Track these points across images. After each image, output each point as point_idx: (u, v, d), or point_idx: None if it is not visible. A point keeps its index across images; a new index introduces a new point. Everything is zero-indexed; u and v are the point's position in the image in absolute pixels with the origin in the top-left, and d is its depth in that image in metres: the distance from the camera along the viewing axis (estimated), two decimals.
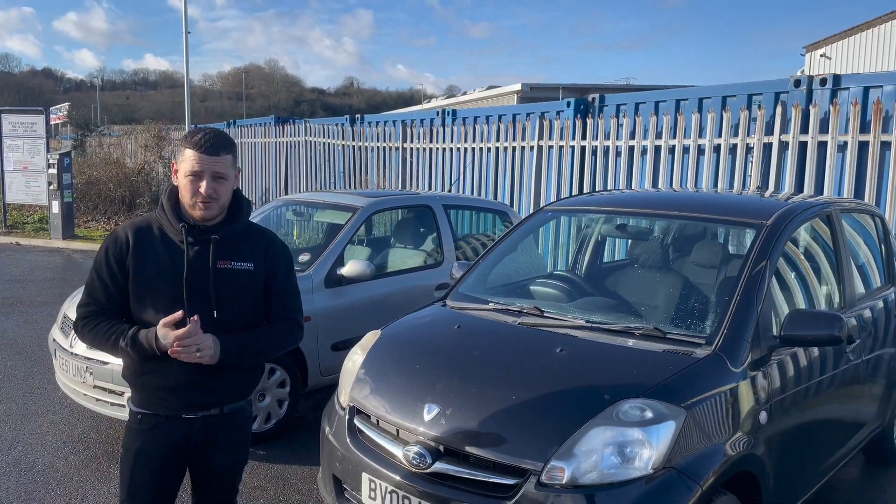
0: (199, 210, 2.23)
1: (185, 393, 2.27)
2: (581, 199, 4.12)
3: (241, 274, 2.31)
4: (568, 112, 8.59)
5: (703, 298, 3.18)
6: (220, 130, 2.25)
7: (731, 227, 3.48)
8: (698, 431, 2.53)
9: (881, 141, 5.84)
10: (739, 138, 6.75)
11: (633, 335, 2.97)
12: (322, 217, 5.51)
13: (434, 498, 2.58)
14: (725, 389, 2.69)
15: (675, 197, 3.94)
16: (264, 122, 14.80)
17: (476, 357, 2.94)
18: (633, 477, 2.38)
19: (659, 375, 2.64)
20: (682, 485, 2.39)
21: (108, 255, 2.26)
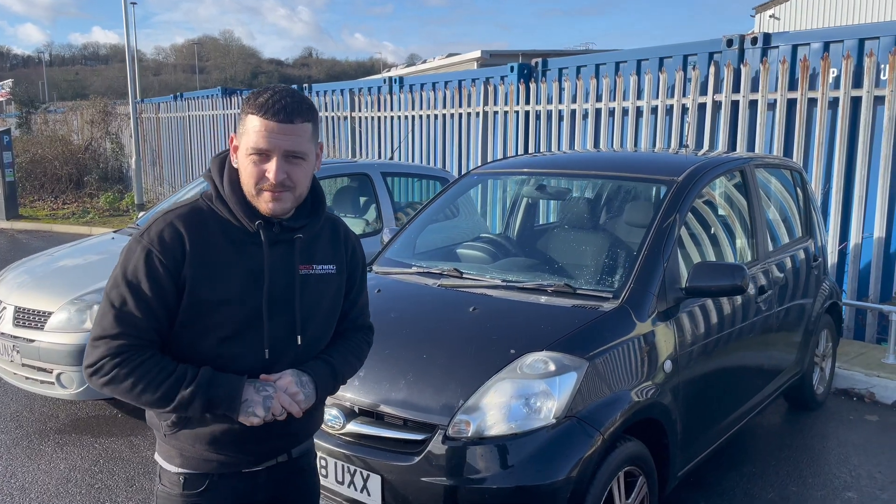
0: (266, 202, 1.61)
1: (251, 441, 1.68)
2: (505, 162, 4.16)
3: (325, 279, 1.77)
4: (512, 77, 8.59)
5: (615, 255, 3.26)
6: (295, 90, 1.63)
7: (644, 185, 3.55)
8: (601, 381, 2.62)
9: (808, 98, 5.97)
10: (675, 99, 6.85)
11: (546, 292, 3.04)
12: None
13: (348, 458, 2.63)
14: (629, 340, 2.78)
15: (593, 157, 4.00)
16: (211, 94, 14.50)
17: (392, 319, 2.99)
18: (536, 427, 2.46)
19: (564, 329, 2.71)
20: (582, 432, 2.48)
21: (153, 261, 1.56)
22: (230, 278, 1.61)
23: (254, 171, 1.59)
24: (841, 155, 5.80)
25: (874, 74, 5.57)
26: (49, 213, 14.79)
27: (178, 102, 15.63)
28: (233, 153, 1.66)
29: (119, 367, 1.54)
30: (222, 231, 1.63)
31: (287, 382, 1.65)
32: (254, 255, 1.64)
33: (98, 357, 1.55)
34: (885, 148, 5.55)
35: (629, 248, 3.18)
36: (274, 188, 1.59)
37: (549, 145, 8.12)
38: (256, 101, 1.59)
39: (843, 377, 4.95)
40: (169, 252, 1.57)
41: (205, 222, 1.63)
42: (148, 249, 1.57)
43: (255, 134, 1.57)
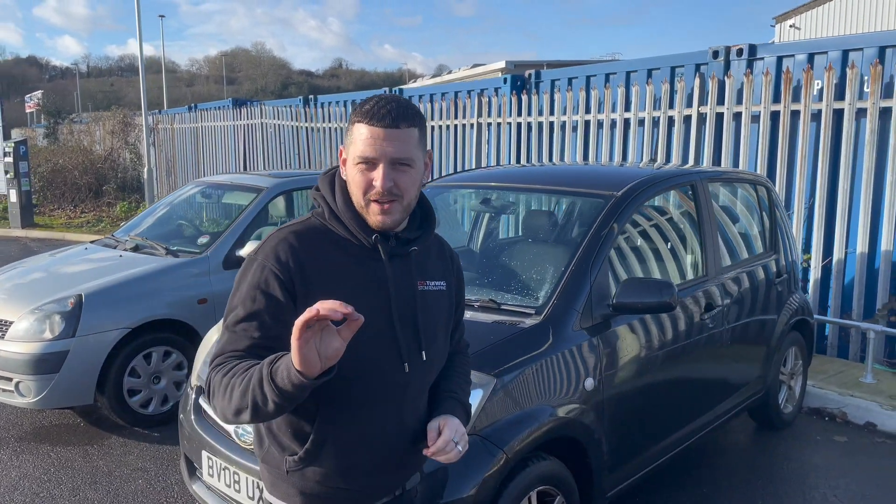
0: (375, 215, 1.55)
1: (375, 473, 1.61)
2: (458, 176, 4.14)
3: (438, 296, 1.70)
4: (505, 89, 8.58)
5: (544, 270, 3.22)
6: (401, 97, 1.60)
7: (583, 199, 3.51)
8: (511, 399, 2.59)
9: (791, 110, 5.87)
10: (662, 111, 6.78)
11: (473, 307, 3.01)
12: (229, 199, 5.53)
13: (259, 474, 2.63)
14: (547, 357, 2.74)
15: (540, 171, 3.98)
16: (222, 106, 14.73)
17: None
18: None
19: (476, 346, 2.67)
20: (485, 451, 2.45)
21: (269, 277, 1.49)
22: (352, 291, 1.52)
23: (361, 181, 1.53)
24: (824, 168, 5.68)
25: (857, 86, 5.46)
26: (65, 222, 15.11)
27: (192, 113, 15.89)
28: (342, 166, 1.60)
29: (214, 377, 1.46)
30: (339, 247, 1.57)
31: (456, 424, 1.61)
32: (375, 269, 1.58)
33: (208, 377, 1.49)
34: (868, 161, 5.43)
35: (559, 263, 3.15)
36: (381, 197, 1.53)
37: (541, 156, 8.09)
38: (362, 109, 1.54)
39: (817, 396, 4.83)
40: (285, 267, 1.51)
41: (320, 238, 1.58)
42: (263, 265, 1.52)
43: (361, 142, 1.52)
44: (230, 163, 14.33)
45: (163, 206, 5.84)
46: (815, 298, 5.82)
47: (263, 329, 1.48)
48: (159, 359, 4.46)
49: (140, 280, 4.46)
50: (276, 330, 1.47)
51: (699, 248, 3.71)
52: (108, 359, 4.23)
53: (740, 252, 4.14)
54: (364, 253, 1.58)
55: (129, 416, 4.38)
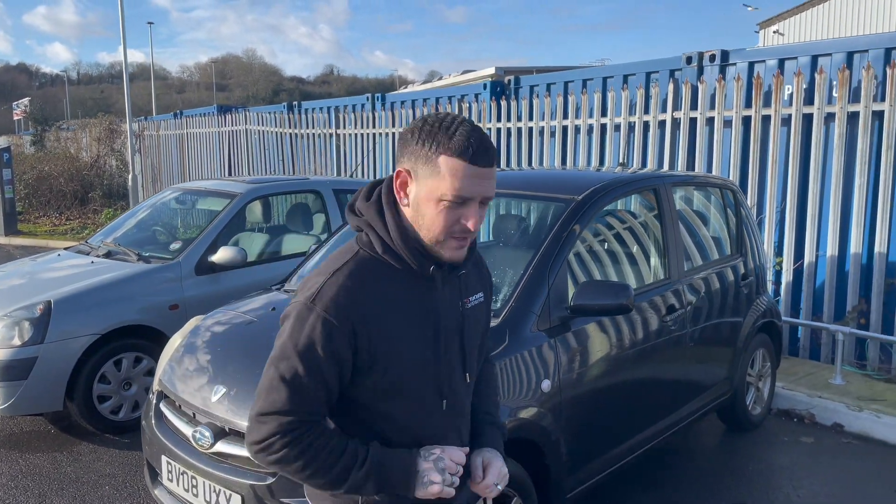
0: (452, 250, 1.48)
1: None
2: None
3: (477, 309, 1.66)
4: (485, 95, 8.64)
5: (504, 273, 3.25)
6: (478, 126, 1.46)
7: (544, 203, 3.55)
8: None
9: (762, 115, 5.93)
10: (637, 116, 6.83)
11: None
12: (204, 205, 5.54)
13: (215, 478, 2.65)
14: (503, 360, 2.77)
15: (505, 176, 4.00)
16: (207, 112, 14.73)
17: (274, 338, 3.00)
18: None
19: None
20: None
21: (330, 330, 1.41)
22: (406, 323, 1.48)
23: (447, 218, 1.43)
24: (795, 172, 5.75)
25: (825, 92, 5.53)
26: (49, 229, 15.06)
27: (178, 120, 15.89)
28: (403, 195, 1.47)
29: (289, 448, 1.42)
30: (390, 279, 1.48)
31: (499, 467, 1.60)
32: (425, 297, 1.51)
33: (267, 434, 1.42)
34: (837, 165, 5.49)
35: (519, 266, 3.18)
36: (466, 234, 1.46)
37: (520, 161, 8.13)
38: (452, 143, 1.39)
39: (786, 397, 4.87)
40: (345, 317, 1.42)
41: (372, 274, 1.47)
42: (324, 318, 1.41)
43: (457, 179, 1.39)
44: (215, 169, 14.33)
45: (138, 212, 5.85)
46: (787, 301, 5.88)
47: (326, 389, 1.44)
48: (130, 365, 4.47)
49: (110, 286, 4.46)
50: (333, 384, 1.44)
51: (662, 251, 3.75)
52: (77, 365, 4.23)
53: (705, 255, 4.18)
54: (416, 281, 1.50)
55: (100, 422, 4.37)
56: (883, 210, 5.28)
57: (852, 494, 3.76)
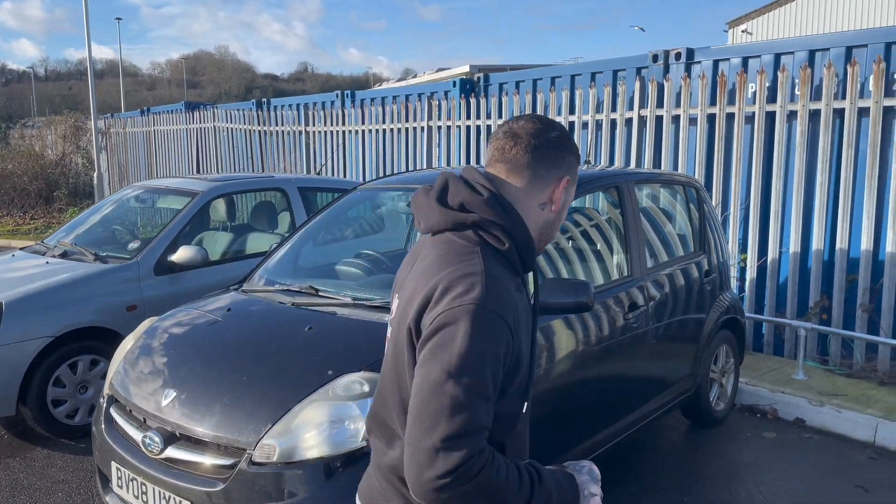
0: (540, 251, 1.55)
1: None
2: (392, 178, 4.13)
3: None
4: (454, 92, 8.60)
5: None
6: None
7: None
8: None
9: (727, 113, 5.97)
10: (605, 114, 6.85)
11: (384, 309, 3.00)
12: (164, 203, 5.44)
13: (165, 484, 2.58)
14: None
15: None
16: (175, 109, 14.51)
17: (228, 339, 2.94)
18: (345, 451, 2.41)
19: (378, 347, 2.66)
20: None
21: (506, 331, 1.32)
22: (524, 330, 1.40)
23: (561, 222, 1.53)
24: (758, 169, 5.80)
25: (788, 90, 5.58)
26: (12, 229, 14.73)
27: (145, 117, 15.63)
28: (556, 199, 1.48)
29: (486, 471, 1.24)
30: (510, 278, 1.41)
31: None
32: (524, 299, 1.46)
33: (461, 461, 1.21)
34: (799, 163, 5.55)
35: None
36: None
37: None
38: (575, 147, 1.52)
39: (749, 393, 4.91)
40: (510, 315, 1.32)
41: (505, 272, 1.40)
42: (499, 318, 1.29)
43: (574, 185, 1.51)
44: (183, 167, 14.12)
45: (97, 211, 5.71)
46: (751, 297, 5.93)
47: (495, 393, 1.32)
48: (86, 367, 4.36)
49: (65, 287, 4.35)
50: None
51: (624, 248, 3.75)
52: (30, 368, 4.11)
53: (670, 252, 4.19)
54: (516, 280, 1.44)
55: (54, 427, 4.26)
56: (844, 207, 5.35)
57: (813, 489, 3.79)
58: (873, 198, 5.18)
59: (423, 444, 1.23)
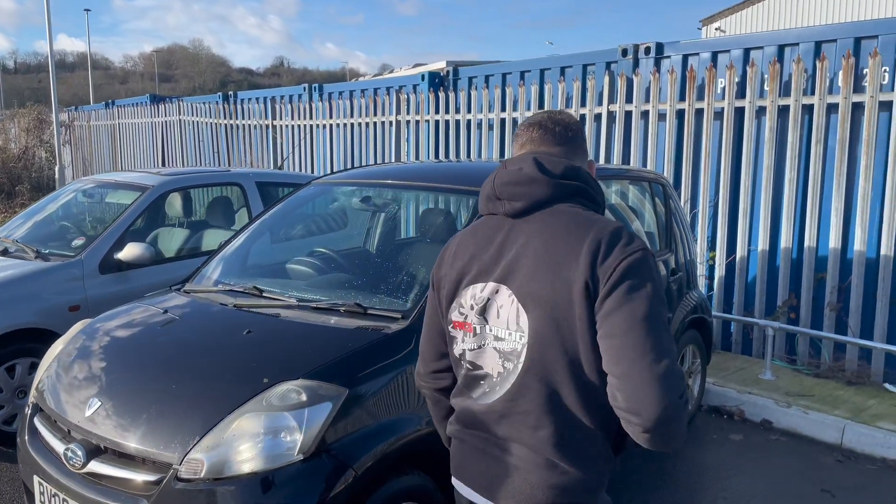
0: None
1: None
2: (345, 174, 3.95)
3: None
4: (423, 86, 8.43)
5: (416, 271, 3.06)
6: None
7: (455, 196, 3.37)
8: (365, 411, 2.41)
9: (696, 109, 5.88)
10: (574, 109, 6.72)
11: (339, 312, 2.83)
12: (113, 198, 5.20)
13: (88, 501, 2.39)
14: (411, 365, 2.58)
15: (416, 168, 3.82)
16: (140, 102, 14.15)
17: (160, 344, 2.75)
18: (278, 466, 2.23)
19: (332, 354, 2.50)
20: (332, 469, 2.27)
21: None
22: None
23: None
24: (727, 166, 5.71)
25: (757, 85, 5.49)
26: None
27: (109, 110, 15.24)
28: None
29: (685, 392, 1.42)
30: None
31: None
32: None
33: (683, 380, 1.43)
34: (767, 159, 5.47)
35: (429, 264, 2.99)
36: None
37: (459, 154, 7.96)
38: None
39: (717, 394, 4.81)
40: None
41: None
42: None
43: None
44: (148, 161, 13.79)
45: (45, 206, 5.46)
46: (720, 296, 5.85)
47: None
48: (24, 371, 4.13)
49: (2, 286, 4.11)
50: None
51: None
52: None
53: None
54: None
55: None
56: (812, 204, 5.28)
57: (778, 494, 3.70)
58: (842, 195, 5.12)
59: (655, 373, 1.36)
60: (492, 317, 1.55)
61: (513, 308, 1.52)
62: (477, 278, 1.58)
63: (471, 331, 1.59)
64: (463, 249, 1.63)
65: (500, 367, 1.54)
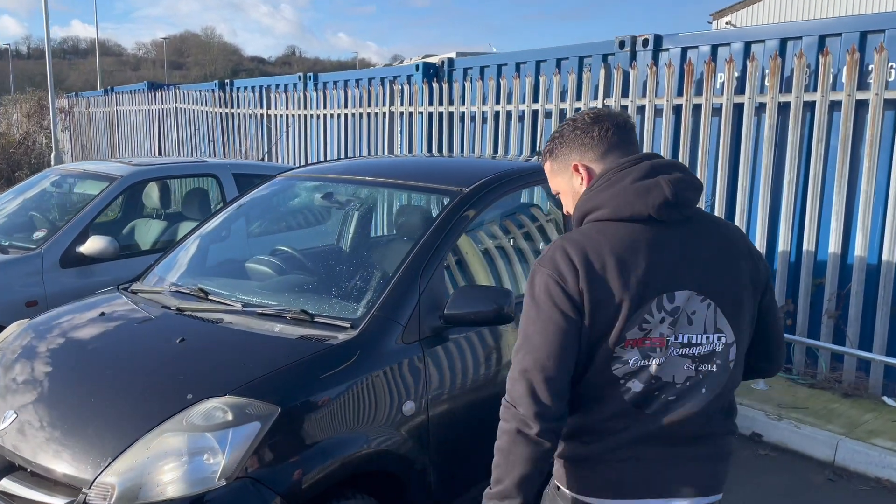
0: None
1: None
2: (313, 168, 3.75)
3: None
4: (417, 77, 8.19)
5: (370, 276, 2.86)
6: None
7: (427, 196, 3.16)
8: (299, 432, 2.21)
9: (693, 104, 5.62)
10: (569, 103, 6.48)
11: (285, 319, 2.63)
12: (82, 188, 5.02)
13: None
14: (355, 380, 2.37)
15: (389, 164, 3.61)
16: (137, 89, 13.98)
17: (88, 352, 2.56)
18: (199, 491, 2.04)
19: (267, 367, 2.30)
20: (256, 496, 2.07)
21: None
22: None
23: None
24: (724, 165, 5.46)
25: (757, 81, 5.23)
26: None
27: (108, 97, 15.08)
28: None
29: None
30: None
31: None
32: None
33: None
34: (766, 158, 5.21)
35: (390, 268, 2.78)
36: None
37: (453, 147, 7.73)
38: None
39: None
40: None
41: None
42: None
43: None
44: (145, 148, 13.62)
45: (12, 196, 5.28)
46: None
47: None
48: None
49: None
50: None
51: None
52: None
53: None
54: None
55: None
56: (812, 206, 5.02)
57: None
58: (843, 198, 4.86)
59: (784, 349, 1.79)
60: (681, 325, 1.54)
61: (709, 312, 1.56)
62: (662, 289, 1.53)
63: (662, 344, 1.54)
64: (629, 261, 1.52)
65: (693, 372, 1.56)
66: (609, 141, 1.65)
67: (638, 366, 1.53)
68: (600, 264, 1.51)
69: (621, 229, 1.54)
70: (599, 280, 1.50)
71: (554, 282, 1.51)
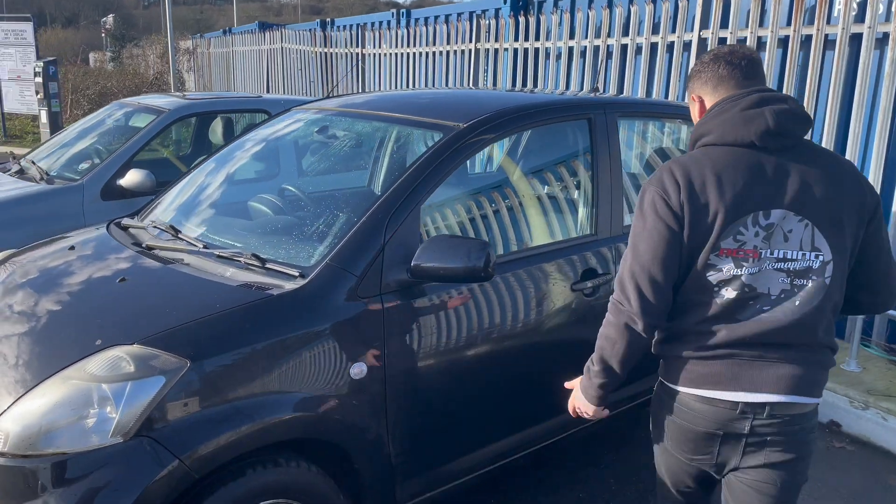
0: None
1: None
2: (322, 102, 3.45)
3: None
4: (505, 9, 7.64)
5: (334, 219, 2.54)
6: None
7: (420, 132, 2.77)
8: (212, 389, 1.97)
9: (803, 34, 4.78)
10: (661, 36, 5.76)
11: (239, 263, 2.39)
12: (135, 122, 5.02)
13: None
14: (294, 335, 2.10)
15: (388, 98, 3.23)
16: (249, 30, 14.23)
17: (37, 287, 2.45)
18: (90, 447, 1.86)
19: (189, 316, 2.07)
20: (151, 458, 1.86)
21: None
22: None
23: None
24: (833, 106, 4.62)
25: (883, 6, 4.33)
26: None
27: (226, 37, 15.49)
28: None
29: None
30: None
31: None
32: None
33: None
34: (885, 99, 4.34)
35: (356, 212, 2.46)
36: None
37: (536, 84, 7.18)
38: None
39: None
40: None
41: None
42: None
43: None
44: (257, 88, 13.92)
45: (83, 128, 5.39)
46: None
47: None
48: None
49: None
50: None
51: (590, 200, 2.92)
52: None
53: None
54: None
55: None
56: None
57: None
58: None
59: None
60: (776, 241, 1.67)
61: (806, 231, 1.68)
62: (758, 207, 1.67)
63: (755, 256, 1.68)
64: (727, 179, 1.68)
65: (787, 285, 1.68)
66: (719, 76, 1.79)
67: (731, 274, 1.68)
68: (700, 181, 1.68)
69: (725, 153, 1.70)
70: (699, 195, 1.67)
71: (659, 197, 1.70)
